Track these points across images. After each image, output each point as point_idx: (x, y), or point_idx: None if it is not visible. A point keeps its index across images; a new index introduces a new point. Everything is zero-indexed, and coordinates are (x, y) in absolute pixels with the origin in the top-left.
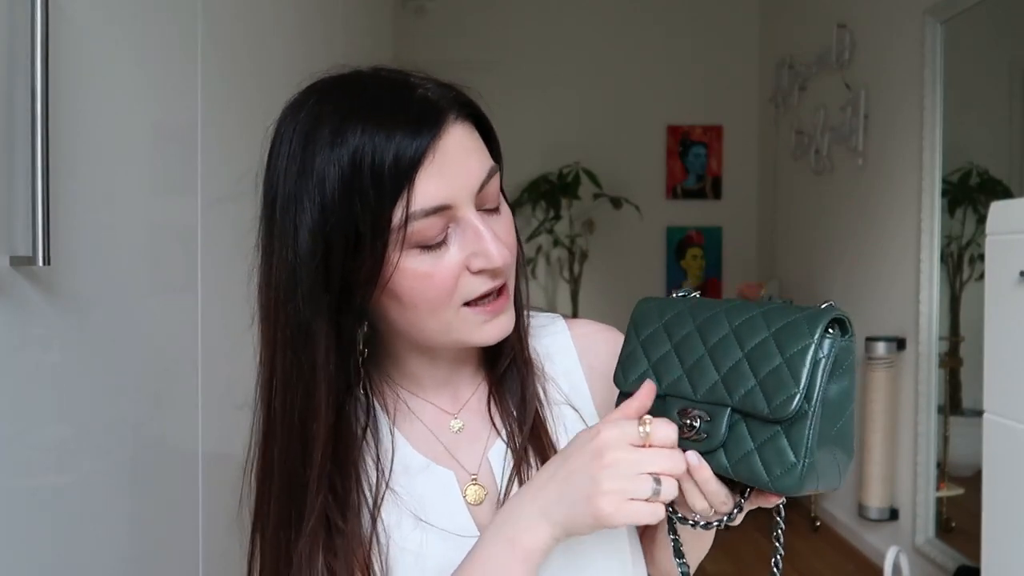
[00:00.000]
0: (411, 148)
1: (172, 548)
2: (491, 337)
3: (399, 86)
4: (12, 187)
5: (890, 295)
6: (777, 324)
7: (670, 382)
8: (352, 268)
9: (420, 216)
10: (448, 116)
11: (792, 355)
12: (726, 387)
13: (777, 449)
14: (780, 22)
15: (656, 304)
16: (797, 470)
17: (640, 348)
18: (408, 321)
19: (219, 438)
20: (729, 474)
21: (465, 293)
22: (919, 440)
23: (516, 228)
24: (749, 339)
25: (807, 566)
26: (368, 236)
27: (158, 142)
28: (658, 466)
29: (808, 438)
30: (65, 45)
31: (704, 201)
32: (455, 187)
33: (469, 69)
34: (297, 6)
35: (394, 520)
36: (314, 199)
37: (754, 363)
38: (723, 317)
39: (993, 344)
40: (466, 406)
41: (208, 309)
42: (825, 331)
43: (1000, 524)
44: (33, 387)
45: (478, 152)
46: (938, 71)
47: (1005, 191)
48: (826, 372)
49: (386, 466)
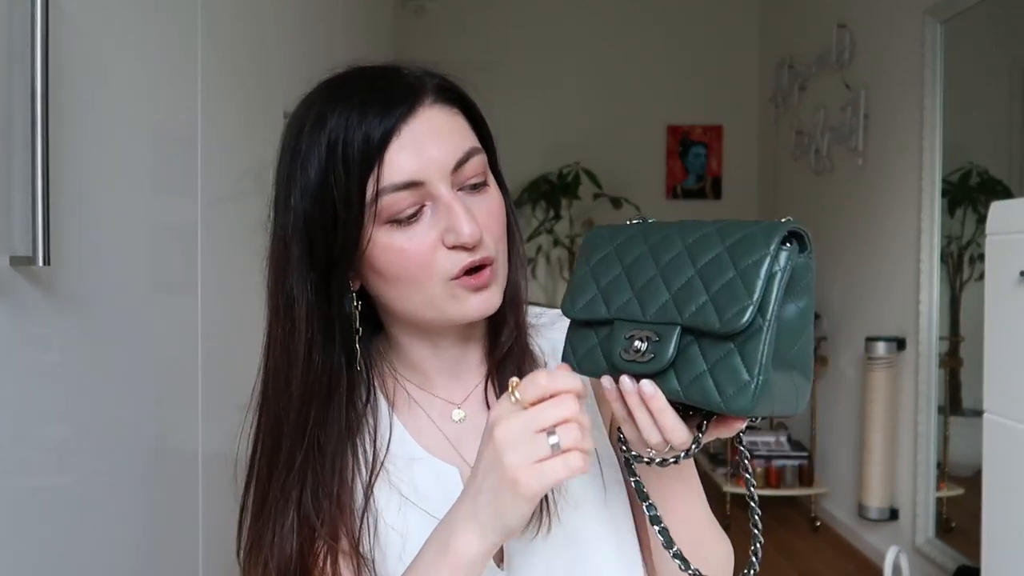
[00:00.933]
0: (381, 126)
1: (172, 548)
2: (474, 311)
3: (383, 73)
4: (12, 187)
5: (890, 295)
6: (732, 238)
7: (619, 305)
8: (332, 243)
9: (390, 191)
10: (424, 99)
11: (746, 267)
12: (676, 305)
13: (730, 368)
14: (780, 22)
15: (608, 231)
16: (751, 389)
17: (590, 273)
18: (394, 295)
19: (219, 438)
20: (681, 398)
21: (445, 269)
22: (919, 440)
23: (512, 212)
24: (702, 255)
25: (807, 566)
26: (343, 211)
27: (158, 142)
28: (544, 420)
29: (762, 354)
30: (65, 45)
31: (704, 201)
32: (425, 163)
33: (469, 69)
34: (297, 6)
35: (384, 498)
36: (299, 179)
37: (707, 279)
38: (676, 236)
39: (993, 344)
40: (470, 397)
41: (208, 309)
42: (782, 244)
43: (1000, 524)
44: (33, 387)
45: (455, 133)
46: (938, 71)
47: (1005, 191)
48: (782, 286)
49: (382, 445)
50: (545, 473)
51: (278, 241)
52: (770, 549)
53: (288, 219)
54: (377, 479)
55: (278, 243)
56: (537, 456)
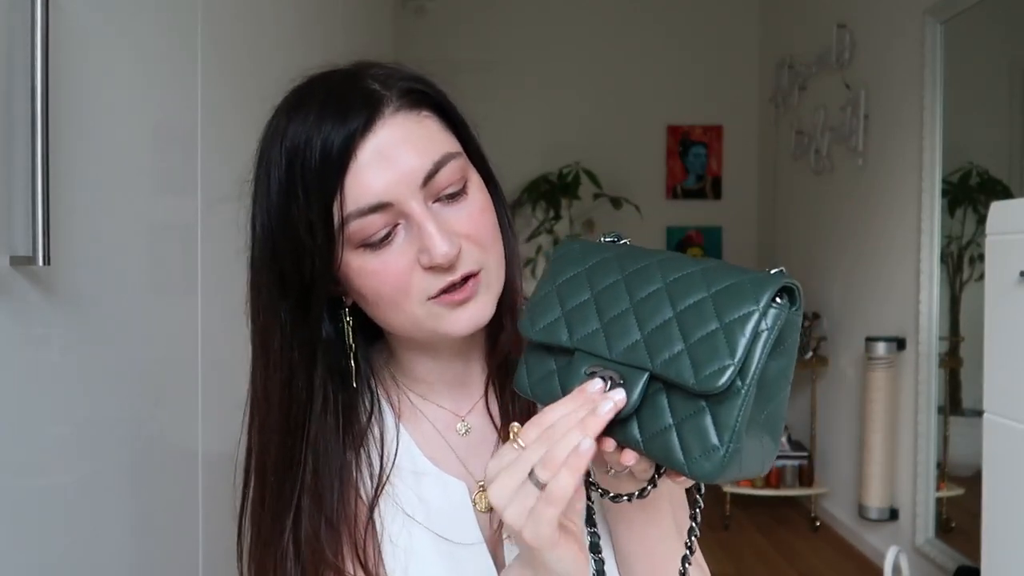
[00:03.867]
0: (338, 147)
1: (172, 548)
2: (461, 327)
3: (342, 83)
4: (12, 187)
5: (890, 295)
6: (718, 285)
7: (583, 336)
8: (303, 270)
9: (357, 216)
10: (383, 108)
11: (731, 321)
12: (648, 349)
13: (699, 428)
14: (780, 22)
15: (581, 247)
16: (719, 455)
17: (555, 293)
18: (378, 316)
19: (219, 438)
20: (640, 449)
21: (422, 289)
22: (919, 440)
23: (505, 213)
24: (683, 298)
25: (807, 566)
26: (308, 239)
27: (158, 142)
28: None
29: (737, 420)
30: (65, 45)
31: (704, 201)
32: (392, 181)
33: (469, 69)
34: (297, 6)
35: (389, 515)
36: (264, 202)
37: (685, 325)
38: (656, 270)
39: (993, 344)
40: (475, 408)
41: (208, 309)
42: (772, 300)
43: (1000, 524)
44: (33, 387)
45: (421, 142)
46: (938, 71)
47: (1005, 191)
48: (767, 347)
49: (388, 459)
50: (538, 520)
51: (251, 268)
52: (770, 549)
53: (257, 246)
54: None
55: (251, 270)
56: (528, 505)
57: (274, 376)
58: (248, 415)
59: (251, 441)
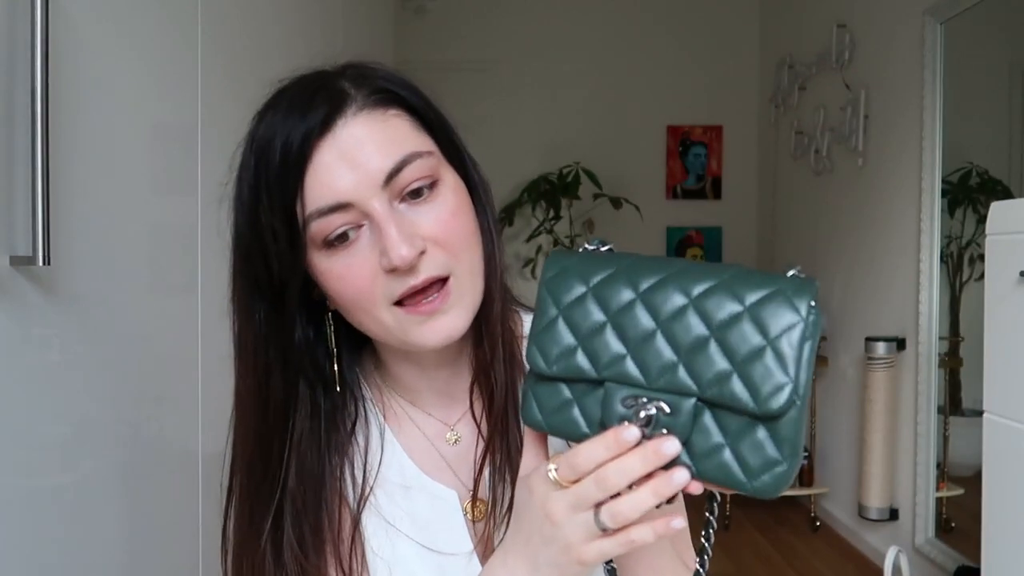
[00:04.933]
0: (295, 147)
1: (172, 548)
2: (429, 340)
3: (311, 84)
4: (12, 187)
5: (890, 295)
6: (750, 297)
7: (609, 362)
8: (272, 272)
9: (317, 216)
10: (345, 108)
11: (777, 336)
12: (689, 372)
13: (755, 444)
14: (780, 22)
15: (575, 263)
16: (781, 469)
17: (562, 319)
18: (352, 320)
19: (219, 438)
20: (692, 473)
21: (386, 293)
22: (919, 440)
23: (489, 216)
24: (717, 314)
25: (807, 566)
26: (271, 240)
27: (158, 142)
28: (592, 497)
29: (795, 432)
30: (65, 45)
31: (704, 201)
32: (352, 181)
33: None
34: (297, 6)
35: (371, 526)
36: (235, 202)
37: (727, 344)
38: (674, 285)
39: (993, 344)
40: (464, 418)
41: (208, 309)
42: (810, 307)
43: (1000, 524)
44: (33, 387)
45: (384, 142)
46: (938, 71)
47: (1005, 191)
48: (813, 354)
49: (372, 469)
50: (609, 547)
51: (231, 271)
52: (770, 549)
53: (233, 247)
54: (366, 505)
55: (231, 274)
56: (592, 531)
57: (250, 378)
58: (233, 428)
59: (236, 448)
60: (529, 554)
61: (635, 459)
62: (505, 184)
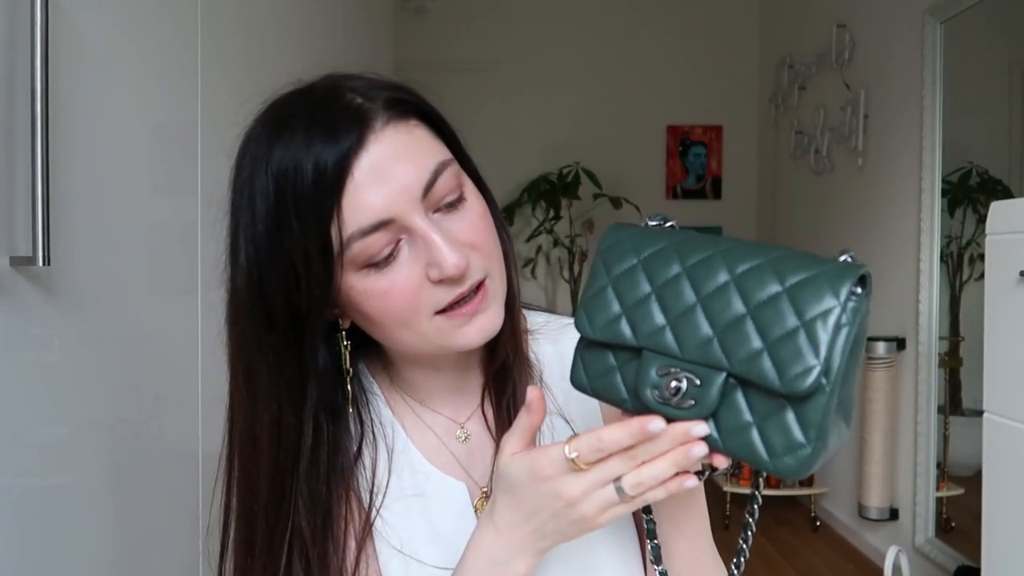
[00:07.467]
0: (330, 169)
1: (172, 548)
2: (473, 340)
3: (325, 101)
4: (12, 187)
5: (890, 295)
6: (792, 278)
7: (648, 332)
8: (296, 303)
9: (359, 237)
10: (373, 123)
11: (812, 319)
12: (723, 347)
13: (782, 426)
14: (780, 22)
15: (631, 235)
16: (805, 452)
17: (611, 287)
18: (384, 335)
19: (219, 438)
20: (718, 448)
21: (431, 304)
22: (919, 440)
23: (498, 215)
24: (756, 292)
25: (807, 566)
26: (303, 269)
27: (158, 142)
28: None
29: (823, 417)
30: (65, 45)
31: (704, 201)
32: (391, 197)
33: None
34: (297, 6)
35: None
36: (248, 231)
37: (762, 322)
38: (720, 261)
39: (993, 344)
40: (473, 415)
41: (208, 309)
42: (851, 293)
43: (1000, 524)
44: (33, 387)
45: (416, 153)
46: (938, 71)
47: (1005, 191)
48: (850, 342)
49: (378, 493)
50: (617, 515)
51: (231, 304)
52: (770, 549)
53: (241, 279)
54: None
55: (233, 305)
56: (610, 502)
57: (262, 417)
58: (227, 454)
59: (231, 480)
60: (533, 527)
61: (665, 441)
62: (505, 184)
